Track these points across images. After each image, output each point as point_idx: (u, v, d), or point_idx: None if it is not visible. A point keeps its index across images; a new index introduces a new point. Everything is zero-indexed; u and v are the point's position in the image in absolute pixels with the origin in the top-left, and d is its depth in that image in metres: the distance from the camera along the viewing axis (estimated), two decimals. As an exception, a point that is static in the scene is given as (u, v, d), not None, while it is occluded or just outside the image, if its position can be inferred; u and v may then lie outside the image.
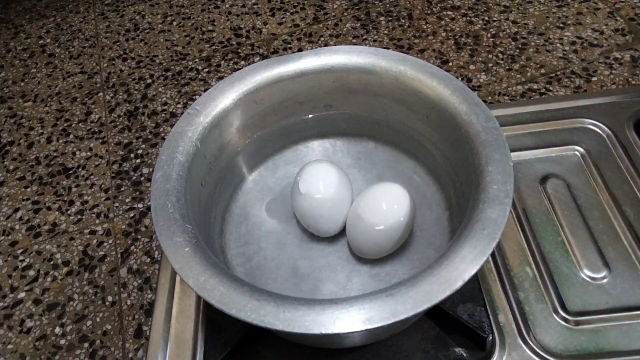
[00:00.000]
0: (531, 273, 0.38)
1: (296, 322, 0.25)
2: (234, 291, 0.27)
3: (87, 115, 0.96)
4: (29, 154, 0.91)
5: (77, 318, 0.69)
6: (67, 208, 0.82)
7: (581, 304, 0.36)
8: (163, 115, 0.94)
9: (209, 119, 0.36)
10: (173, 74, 1.02)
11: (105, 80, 1.03)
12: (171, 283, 0.39)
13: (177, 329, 0.37)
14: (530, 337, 0.35)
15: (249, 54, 1.04)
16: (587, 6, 1.03)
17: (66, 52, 1.11)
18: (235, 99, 0.38)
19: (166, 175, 0.33)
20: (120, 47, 1.10)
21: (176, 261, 0.28)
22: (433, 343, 0.35)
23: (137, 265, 0.74)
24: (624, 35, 0.96)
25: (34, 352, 0.66)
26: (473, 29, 1.02)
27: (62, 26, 1.18)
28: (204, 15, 1.15)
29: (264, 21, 1.11)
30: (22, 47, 1.14)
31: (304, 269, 0.37)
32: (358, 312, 0.26)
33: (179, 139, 0.35)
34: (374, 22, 1.07)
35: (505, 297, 0.37)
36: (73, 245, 0.77)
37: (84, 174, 0.86)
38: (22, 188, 0.86)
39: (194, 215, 0.33)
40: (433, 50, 0.99)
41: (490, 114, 0.33)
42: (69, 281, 0.73)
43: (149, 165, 0.87)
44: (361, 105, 0.41)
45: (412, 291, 0.26)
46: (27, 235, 0.79)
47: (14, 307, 0.71)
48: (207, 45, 1.07)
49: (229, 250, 0.38)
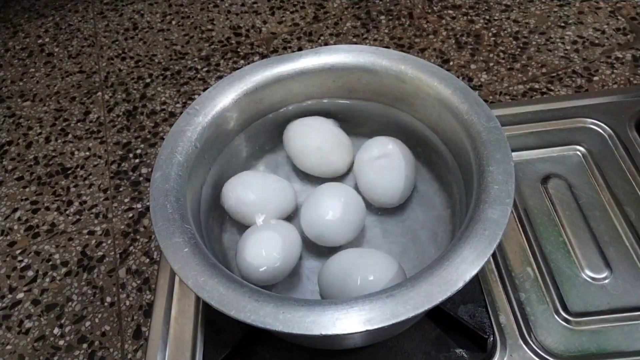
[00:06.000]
0: (532, 274, 0.38)
1: (296, 323, 0.25)
2: (234, 292, 0.27)
3: (86, 115, 0.96)
4: (28, 153, 0.91)
5: (76, 319, 0.69)
6: (66, 208, 0.82)
7: (582, 304, 0.36)
8: (162, 114, 0.94)
9: (208, 118, 0.36)
10: (172, 74, 1.02)
11: (104, 79, 1.03)
12: (170, 284, 0.39)
13: (177, 329, 0.36)
14: (532, 338, 0.34)
15: (249, 53, 1.04)
16: (588, 5, 1.03)
17: (65, 52, 1.11)
18: (235, 99, 0.37)
19: (165, 175, 0.33)
20: (119, 47, 1.10)
21: (175, 262, 0.28)
22: (434, 344, 0.34)
23: (136, 265, 0.74)
24: (625, 35, 0.96)
25: (33, 352, 0.66)
26: (474, 28, 1.02)
27: (60, 25, 1.18)
28: (203, 14, 1.15)
29: (264, 20, 1.11)
30: (20, 46, 1.14)
31: (304, 269, 0.37)
32: (358, 313, 0.25)
33: (178, 138, 0.35)
34: (375, 21, 1.07)
35: (507, 297, 0.37)
36: (72, 246, 0.77)
37: (83, 174, 0.86)
38: (21, 188, 0.85)
39: (193, 215, 0.33)
40: (434, 50, 0.99)
41: (491, 113, 0.33)
42: (67, 282, 0.73)
43: (147, 165, 0.86)
44: (361, 104, 0.41)
45: (413, 292, 0.26)
46: (26, 235, 0.79)
47: (13, 308, 0.71)
48: (207, 45, 1.07)
49: (229, 250, 0.38)
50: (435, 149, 0.38)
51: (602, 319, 0.35)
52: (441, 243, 0.36)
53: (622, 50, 0.93)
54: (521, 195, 0.42)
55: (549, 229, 0.40)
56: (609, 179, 0.42)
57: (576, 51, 0.94)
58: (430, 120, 0.37)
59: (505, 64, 0.94)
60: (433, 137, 0.38)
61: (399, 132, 0.41)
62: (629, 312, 0.35)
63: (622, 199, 0.41)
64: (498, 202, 0.29)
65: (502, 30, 1.00)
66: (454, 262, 0.27)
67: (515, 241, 0.40)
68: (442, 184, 0.39)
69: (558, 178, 0.43)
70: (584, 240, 0.39)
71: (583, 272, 0.38)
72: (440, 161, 0.38)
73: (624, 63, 0.90)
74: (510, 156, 0.31)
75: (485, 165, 0.31)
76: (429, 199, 0.39)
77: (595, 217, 0.40)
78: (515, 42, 0.97)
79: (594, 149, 0.44)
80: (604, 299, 0.36)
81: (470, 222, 0.29)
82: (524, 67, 0.92)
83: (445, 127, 0.36)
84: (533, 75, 0.91)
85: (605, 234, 0.39)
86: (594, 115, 0.46)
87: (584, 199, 0.42)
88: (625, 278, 0.37)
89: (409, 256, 0.36)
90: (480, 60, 0.95)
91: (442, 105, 0.35)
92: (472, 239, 0.28)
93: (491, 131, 0.32)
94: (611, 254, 0.38)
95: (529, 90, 0.88)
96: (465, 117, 0.34)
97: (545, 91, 0.88)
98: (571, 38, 0.96)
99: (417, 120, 0.39)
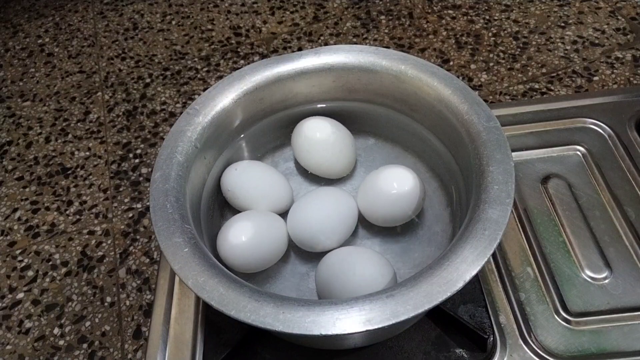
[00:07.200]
0: (532, 274, 0.38)
1: (296, 323, 0.25)
2: (234, 292, 0.27)
3: (86, 115, 0.96)
4: (28, 153, 0.91)
5: (76, 319, 0.69)
6: (66, 208, 0.82)
7: (582, 304, 0.36)
8: (162, 114, 0.94)
9: (208, 118, 0.36)
10: (172, 74, 1.02)
11: (104, 79, 1.03)
12: (170, 284, 0.39)
13: (177, 330, 0.36)
14: (532, 338, 0.34)
15: (249, 53, 1.04)
16: (588, 5, 1.03)
17: (65, 52, 1.11)
18: (235, 99, 0.37)
19: (165, 175, 0.33)
20: (119, 47, 1.10)
21: (175, 262, 0.28)
22: (434, 344, 0.34)
23: (136, 265, 0.74)
24: (625, 35, 0.96)
25: (33, 352, 0.66)
26: (474, 28, 1.02)
27: (60, 25, 1.18)
28: (203, 14, 1.15)
29: (264, 20, 1.11)
30: (20, 46, 1.14)
31: (304, 269, 0.37)
32: (358, 313, 0.25)
33: (178, 138, 0.35)
34: (375, 21, 1.07)
35: (507, 297, 0.37)
36: (72, 246, 0.77)
37: (83, 174, 0.86)
38: (21, 188, 0.85)
39: (193, 215, 0.33)
40: (434, 50, 0.98)
41: (491, 113, 0.33)
42: (67, 282, 0.73)
43: (147, 165, 0.86)
44: (361, 104, 0.41)
45: (413, 292, 0.26)
46: (26, 235, 0.79)
47: (13, 308, 0.71)
48: (207, 45, 1.07)
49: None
50: (435, 149, 0.38)
51: (602, 319, 0.35)
52: (441, 243, 0.36)
53: (622, 50, 0.93)
54: (521, 195, 0.42)
55: (549, 229, 0.40)
56: (609, 179, 0.42)
57: (576, 51, 0.94)
58: (430, 120, 0.37)
59: (505, 64, 0.94)
60: (433, 137, 0.38)
61: (399, 132, 0.41)
62: (628, 312, 0.35)
63: (622, 199, 0.41)
64: (498, 202, 0.29)
65: (502, 30, 1.00)
66: (454, 262, 0.27)
67: (515, 241, 0.40)
68: (442, 184, 0.39)
69: (558, 178, 0.43)
70: (584, 240, 0.39)
71: (583, 272, 0.38)
72: (440, 161, 0.38)
73: (624, 63, 0.90)
74: (510, 156, 0.31)
75: (485, 165, 0.31)
76: (428, 198, 0.39)
77: (595, 217, 0.40)
78: (515, 42, 0.97)
79: (594, 149, 0.45)
80: (604, 299, 0.36)
81: (470, 222, 0.29)
82: (524, 67, 0.92)
83: (445, 127, 0.36)
84: (533, 75, 0.91)
85: (605, 234, 0.39)
86: (594, 115, 0.46)
87: (584, 199, 0.42)
88: (625, 278, 0.37)
89: (409, 256, 0.36)
90: (480, 60, 0.95)
91: (442, 105, 0.35)
92: (472, 239, 0.28)
93: (491, 131, 0.32)
94: (611, 254, 0.38)
95: (529, 90, 0.88)
96: (465, 117, 0.34)
97: (545, 91, 0.88)
98: (571, 38, 0.96)
99: (417, 121, 0.39)
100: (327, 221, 0.35)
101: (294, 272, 0.36)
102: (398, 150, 0.42)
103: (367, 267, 0.32)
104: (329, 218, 0.35)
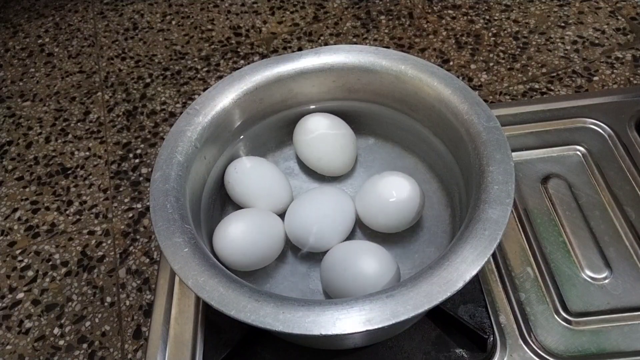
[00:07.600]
0: (532, 274, 0.38)
1: (296, 323, 0.25)
2: (234, 292, 0.27)
3: (86, 115, 0.96)
4: (28, 153, 0.91)
5: (76, 319, 0.69)
6: (66, 208, 0.82)
7: (582, 304, 0.36)
8: (162, 114, 0.94)
9: (208, 118, 0.36)
10: (172, 74, 1.02)
11: (104, 79, 1.03)
12: (170, 284, 0.39)
13: (176, 330, 0.36)
14: (532, 338, 0.34)
15: (249, 53, 1.04)
16: (588, 5, 1.03)
17: (65, 52, 1.11)
18: (235, 99, 0.37)
19: (165, 175, 0.33)
20: (119, 47, 1.10)
21: (175, 262, 0.28)
22: (434, 344, 0.34)
23: (136, 265, 0.74)
24: (625, 35, 0.96)
25: (33, 352, 0.66)
26: (474, 28, 1.02)
27: (60, 25, 1.18)
28: (203, 14, 1.15)
29: (264, 20, 1.11)
30: (20, 46, 1.14)
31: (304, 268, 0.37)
32: (358, 313, 0.25)
33: (178, 138, 0.35)
34: (375, 21, 1.07)
35: (507, 297, 0.37)
36: (72, 246, 0.77)
37: (83, 174, 0.86)
38: (21, 188, 0.85)
39: (193, 215, 0.33)
40: (434, 50, 0.98)
41: (491, 113, 0.33)
42: (67, 282, 0.73)
43: (147, 165, 0.86)
44: (361, 104, 0.41)
45: (413, 292, 0.26)
46: (26, 235, 0.79)
47: (13, 308, 0.71)
48: (207, 45, 1.07)
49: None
50: (435, 149, 0.38)
51: (602, 319, 0.35)
52: (441, 243, 0.36)
53: (622, 50, 0.93)
54: (521, 195, 0.42)
55: (548, 229, 0.40)
56: (609, 179, 0.42)
57: (576, 51, 0.94)
58: (430, 120, 0.37)
59: (505, 64, 0.94)
60: (433, 137, 0.38)
61: (399, 132, 0.41)
62: (629, 312, 0.35)
63: (622, 198, 0.41)
64: (498, 202, 0.29)
65: (502, 30, 1.00)
66: (454, 262, 0.27)
67: (515, 241, 0.40)
68: (442, 184, 0.39)
69: (558, 178, 0.43)
70: (584, 240, 0.39)
71: (583, 272, 0.38)
72: (440, 161, 0.38)
73: (624, 63, 0.90)
74: (510, 156, 0.31)
75: (485, 165, 0.31)
76: (429, 198, 0.39)
77: (595, 217, 0.40)
78: (515, 42, 0.97)
79: (594, 149, 0.45)
80: (604, 299, 0.36)
81: (470, 222, 0.29)
82: (524, 67, 0.92)
83: (445, 127, 0.36)
84: (533, 75, 0.91)
85: (605, 234, 0.39)
86: (594, 115, 0.46)
87: (584, 199, 0.42)
88: (625, 278, 0.37)
89: (409, 256, 0.36)
90: (480, 60, 0.95)
91: (442, 105, 0.35)
92: (472, 239, 0.28)
93: (491, 131, 0.32)
94: (611, 254, 0.38)
95: (529, 90, 0.88)
96: (465, 117, 0.34)
97: (545, 91, 0.88)
98: (571, 38, 0.96)
99: (417, 120, 0.39)
100: (324, 220, 0.35)
101: (294, 272, 0.36)
102: (398, 150, 0.42)
103: (372, 261, 0.32)
104: (326, 217, 0.35)
